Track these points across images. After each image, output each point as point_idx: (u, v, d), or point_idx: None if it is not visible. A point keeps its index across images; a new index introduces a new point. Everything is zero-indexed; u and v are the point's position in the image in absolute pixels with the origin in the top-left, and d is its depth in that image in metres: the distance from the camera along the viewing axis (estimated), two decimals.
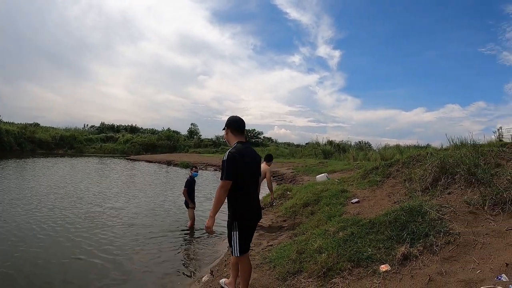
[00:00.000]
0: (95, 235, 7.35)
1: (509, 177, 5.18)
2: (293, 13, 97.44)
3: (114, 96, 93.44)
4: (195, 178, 8.81)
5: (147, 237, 7.45)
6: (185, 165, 29.63)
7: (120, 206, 10.71)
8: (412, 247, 4.24)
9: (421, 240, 4.33)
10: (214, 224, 3.53)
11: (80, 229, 7.76)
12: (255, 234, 5.50)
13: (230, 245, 3.59)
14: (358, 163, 17.01)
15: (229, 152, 3.39)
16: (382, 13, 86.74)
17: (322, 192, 8.53)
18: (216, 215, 3.50)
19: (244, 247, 3.52)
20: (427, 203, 5.24)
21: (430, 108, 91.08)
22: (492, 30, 72.71)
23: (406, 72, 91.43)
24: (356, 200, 7.20)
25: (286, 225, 7.19)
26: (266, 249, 5.72)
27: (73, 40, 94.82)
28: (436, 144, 25.99)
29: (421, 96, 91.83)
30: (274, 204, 10.02)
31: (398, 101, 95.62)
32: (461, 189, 5.85)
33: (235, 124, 3.65)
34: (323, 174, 12.14)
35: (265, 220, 7.93)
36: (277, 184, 16.05)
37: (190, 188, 8.54)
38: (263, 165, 8.15)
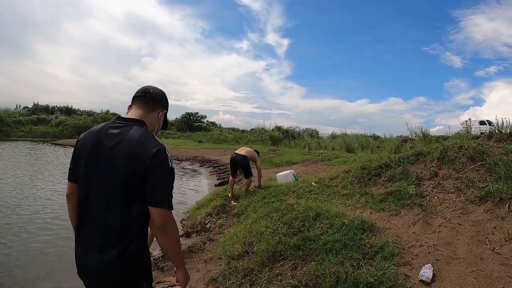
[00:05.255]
0: None
1: None
2: None
3: (59, 77, 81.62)
4: None
5: None
6: None
7: None
8: None
9: None
10: None
11: None
12: None
13: None
14: (322, 153, 12.55)
15: None
16: (333, 4, 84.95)
17: (308, 222, 3.68)
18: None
19: None
20: None
21: (373, 100, 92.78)
22: (438, 32, 75.08)
23: (352, 64, 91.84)
24: (427, 273, 2.45)
25: None
26: None
27: (15, 15, 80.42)
28: (379, 134, 23.50)
29: (365, 88, 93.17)
30: (234, 203, 6.37)
31: (343, 91, 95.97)
32: None
33: None
34: (288, 172, 7.32)
35: None
36: (218, 180, 11.03)
37: None
38: (254, 152, 6.84)
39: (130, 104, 1.68)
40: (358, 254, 2.85)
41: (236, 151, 6.70)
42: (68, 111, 52.58)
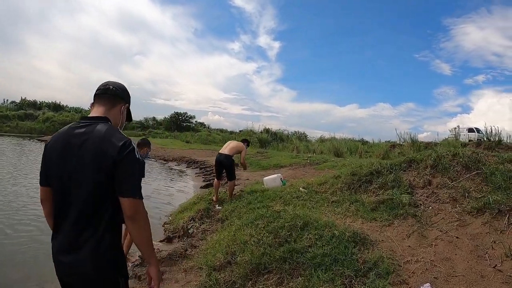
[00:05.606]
0: None
1: None
2: (238, 0, 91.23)
3: (48, 72, 79.61)
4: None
5: None
6: None
7: None
8: None
9: None
10: None
11: None
12: None
13: None
14: (310, 156, 12.33)
15: None
16: (326, 9, 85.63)
17: (295, 232, 3.41)
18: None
19: None
20: None
21: (363, 105, 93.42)
22: (429, 39, 75.83)
23: (343, 68, 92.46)
24: None
25: None
26: None
27: (6, 8, 78.48)
28: (368, 138, 23.50)
29: (355, 93, 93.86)
30: (218, 207, 6.06)
31: (333, 96, 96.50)
32: None
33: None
34: (275, 176, 7.05)
35: None
36: (204, 182, 10.70)
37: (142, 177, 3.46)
38: (240, 143, 6.62)
39: (92, 102, 1.70)
40: (350, 271, 2.57)
41: (221, 150, 6.37)
42: (56, 107, 51.65)
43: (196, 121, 50.41)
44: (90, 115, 1.63)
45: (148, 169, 4.59)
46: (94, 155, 1.47)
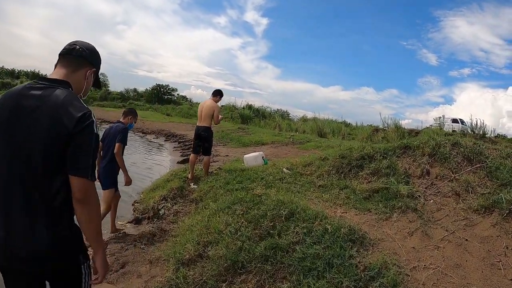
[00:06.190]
0: None
1: None
2: None
3: (27, 39, 74.93)
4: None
5: None
6: None
7: None
8: None
9: None
10: None
11: None
12: None
13: None
14: (293, 135, 11.87)
15: None
16: None
17: (279, 222, 2.90)
18: None
19: None
20: None
21: (346, 87, 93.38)
22: (417, 28, 75.66)
23: (329, 50, 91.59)
24: None
25: None
26: None
27: None
28: (350, 121, 23.29)
29: (339, 75, 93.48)
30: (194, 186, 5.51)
31: (317, 76, 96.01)
32: None
33: None
34: (257, 154, 6.52)
35: None
36: (182, 157, 10.09)
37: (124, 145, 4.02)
38: (210, 101, 5.78)
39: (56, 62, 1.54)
40: (349, 280, 2.08)
41: (198, 123, 5.71)
42: (35, 76, 49.72)
43: (178, 94, 49.06)
44: (50, 76, 1.47)
45: (128, 141, 4.07)
46: (51, 121, 1.31)
